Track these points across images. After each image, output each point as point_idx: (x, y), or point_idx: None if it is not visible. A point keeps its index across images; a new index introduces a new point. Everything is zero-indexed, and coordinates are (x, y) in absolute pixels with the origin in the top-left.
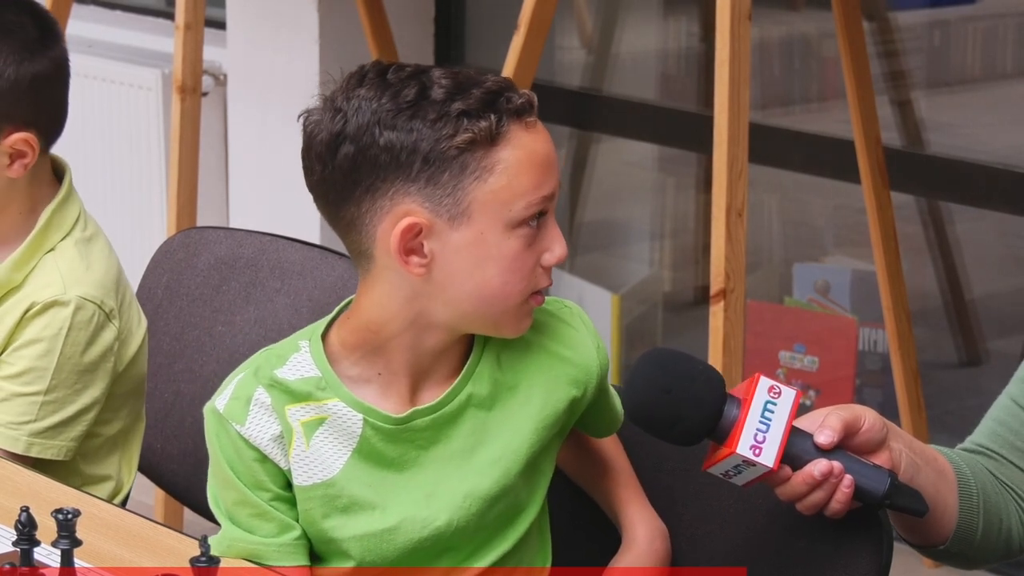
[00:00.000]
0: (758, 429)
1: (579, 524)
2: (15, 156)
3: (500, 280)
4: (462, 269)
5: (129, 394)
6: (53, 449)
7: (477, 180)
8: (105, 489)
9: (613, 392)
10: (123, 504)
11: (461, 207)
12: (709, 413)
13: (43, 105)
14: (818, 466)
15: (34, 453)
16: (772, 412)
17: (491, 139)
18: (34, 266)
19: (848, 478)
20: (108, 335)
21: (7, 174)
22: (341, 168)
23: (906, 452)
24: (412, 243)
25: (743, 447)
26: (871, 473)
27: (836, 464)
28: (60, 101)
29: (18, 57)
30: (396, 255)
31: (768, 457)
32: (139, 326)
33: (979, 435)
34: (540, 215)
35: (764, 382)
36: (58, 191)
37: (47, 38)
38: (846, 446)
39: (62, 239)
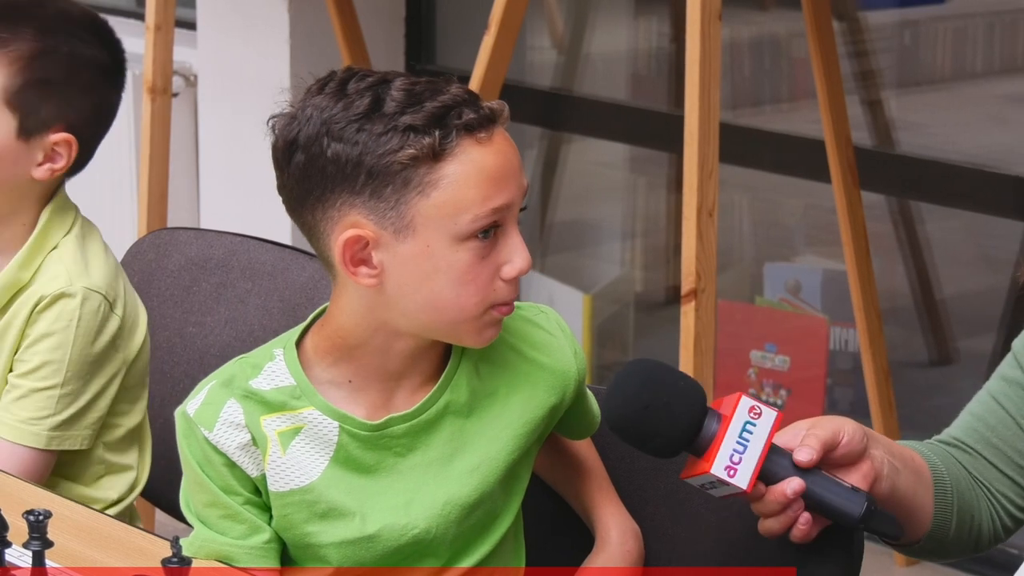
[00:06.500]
0: (735, 450)
1: (553, 525)
2: (48, 158)
3: (452, 292)
4: (411, 281)
5: (140, 385)
6: (70, 440)
7: (420, 195)
8: (127, 479)
9: (590, 395)
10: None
11: (405, 220)
12: (686, 430)
13: (94, 129)
14: (791, 484)
15: (54, 447)
16: (751, 433)
17: (434, 155)
18: (40, 264)
19: (806, 515)
20: (113, 324)
21: (31, 172)
22: (294, 176)
23: (888, 458)
24: (361, 254)
25: (718, 467)
26: (848, 495)
27: (804, 487)
28: (99, 139)
29: (103, 75)
30: (343, 266)
31: (742, 479)
32: (141, 315)
33: (956, 428)
34: (493, 227)
35: (745, 402)
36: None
37: (123, 78)
38: (826, 460)
39: (64, 236)
